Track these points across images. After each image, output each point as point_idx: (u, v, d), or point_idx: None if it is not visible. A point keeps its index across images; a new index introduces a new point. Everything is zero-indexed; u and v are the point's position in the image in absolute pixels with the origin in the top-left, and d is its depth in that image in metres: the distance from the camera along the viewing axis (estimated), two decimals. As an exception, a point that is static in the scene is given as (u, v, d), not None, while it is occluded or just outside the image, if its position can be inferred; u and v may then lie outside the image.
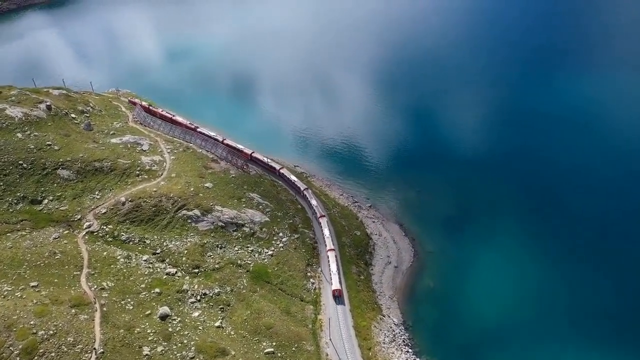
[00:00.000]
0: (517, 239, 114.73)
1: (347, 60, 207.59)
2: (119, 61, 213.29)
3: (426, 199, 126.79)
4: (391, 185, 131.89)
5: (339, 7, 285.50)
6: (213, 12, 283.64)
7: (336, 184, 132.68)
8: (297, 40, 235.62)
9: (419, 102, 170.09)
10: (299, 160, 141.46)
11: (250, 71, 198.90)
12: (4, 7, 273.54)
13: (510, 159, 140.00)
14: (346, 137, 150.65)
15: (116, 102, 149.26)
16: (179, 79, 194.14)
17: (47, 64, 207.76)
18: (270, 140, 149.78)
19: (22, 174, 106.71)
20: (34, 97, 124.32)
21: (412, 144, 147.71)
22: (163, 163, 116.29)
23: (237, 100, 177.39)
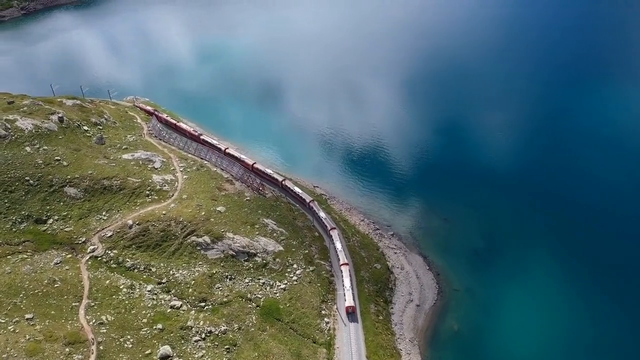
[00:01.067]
0: (551, 277, 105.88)
1: (374, 69, 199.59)
2: (140, 66, 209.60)
3: (453, 227, 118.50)
4: (416, 211, 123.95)
5: (368, 12, 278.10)
6: (239, 16, 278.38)
7: (357, 208, 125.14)
8: (323, 45, 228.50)
9: (449, 118, 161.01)
10: (319, 180, 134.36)
11: (275, 79, 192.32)
12: (30, 7, 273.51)
13: (546, 185, 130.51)
14: (370, 155, 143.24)
15: (133, 112, 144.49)
16: (201, 85, 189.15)
17: (68, 67, 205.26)
18: (291, 157, 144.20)
19: (28, 190, 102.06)
20: (46, 107, 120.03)
21: (439, 165, 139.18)
22: (175, 183, 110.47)
23: (259, 110, 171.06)
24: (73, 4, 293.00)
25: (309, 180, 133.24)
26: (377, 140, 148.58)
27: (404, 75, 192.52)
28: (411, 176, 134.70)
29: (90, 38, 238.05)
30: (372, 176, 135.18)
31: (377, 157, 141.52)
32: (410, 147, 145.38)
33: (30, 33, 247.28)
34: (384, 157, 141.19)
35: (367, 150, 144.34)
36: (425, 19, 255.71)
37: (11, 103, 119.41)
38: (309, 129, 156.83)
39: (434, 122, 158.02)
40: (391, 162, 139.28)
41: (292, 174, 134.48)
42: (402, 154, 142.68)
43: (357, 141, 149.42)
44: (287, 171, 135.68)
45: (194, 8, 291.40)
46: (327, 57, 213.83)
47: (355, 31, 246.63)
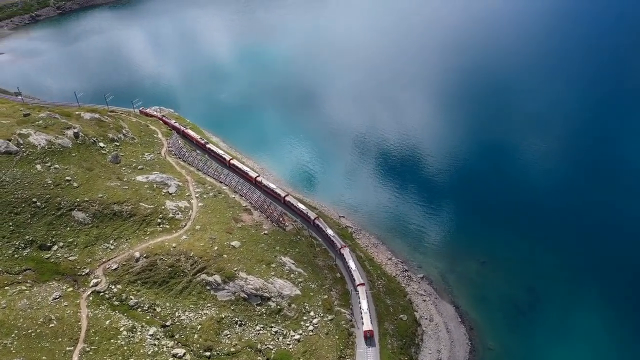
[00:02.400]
0: (603, 342, 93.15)
1: (412, 82, 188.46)
2: (169, 72, 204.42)
3: (491, 273, 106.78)
4: (450, 250, 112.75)
5: (409, 14, 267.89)
6: (277, 21, 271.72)
7: (385, 244, 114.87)
8: (359, 52, 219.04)
9: (492, 144, 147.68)
10: (346, 210, 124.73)
11: (308, 91, 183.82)
12: (66, 7, 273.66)
13: (604, 229, 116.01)
14: (403, 184, 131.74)
15: (154, 125, 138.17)
16: (231, 95, 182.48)
17: (96, 71, 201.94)
18: (318, 182, 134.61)
19: (34, 213, 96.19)
20: (62, 121, 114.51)
21: (479, 198, 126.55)
22: (189, 211, 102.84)
23: (288, 126, 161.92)
24: (108, 4, 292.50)
25: (334, 209, 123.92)
26: (410, 167, 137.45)
27: (443, 91, 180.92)
28: (447, 209, 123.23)
29: (121, 41, 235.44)
30: (403, 207, 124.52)
31: (410, 186, 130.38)
32: (447, 176, 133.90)
33: (63, 34, 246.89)
34: (417, 186, 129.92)
35: (399, 179, 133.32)
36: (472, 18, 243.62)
37: (27, 115, 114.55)
38: (339, 151, 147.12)
39: (475, 148, 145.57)
40: (425, 192, 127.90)
41: (317, 202, 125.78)
42: (438, 183, 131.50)
43: (389, 167, 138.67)
44: (313, 198, 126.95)
45: (231, 13, 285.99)
46: (363, 67, 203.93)
47: (394, 37, 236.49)
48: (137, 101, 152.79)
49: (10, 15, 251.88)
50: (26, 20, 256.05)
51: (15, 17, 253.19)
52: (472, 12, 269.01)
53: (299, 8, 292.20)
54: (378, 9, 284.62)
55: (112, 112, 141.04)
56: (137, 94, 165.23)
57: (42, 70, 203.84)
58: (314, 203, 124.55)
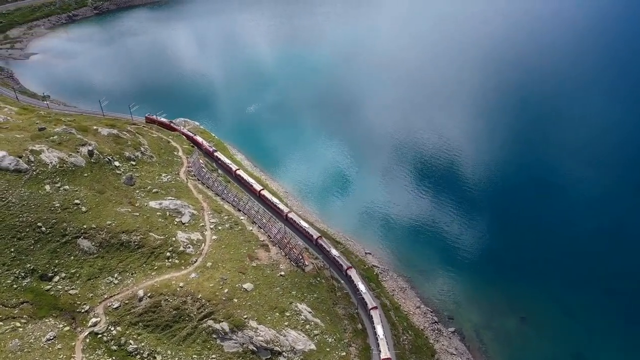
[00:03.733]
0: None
1: (457, 93, 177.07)
2: (199, 81, 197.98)
3: (531, 332, 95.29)
4: (486, 302, 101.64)
5: (455, 18, 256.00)
6: (314, 26, 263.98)
7: (414, 288, 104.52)
8: (402, 62, 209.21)
9: (545, 173, 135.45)
10: (373, 245, 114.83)
11: (346, 103, 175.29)
12: (103, 7, 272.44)
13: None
14: (437, 220, 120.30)
15: (176, 141, 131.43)
16: (263, 107, 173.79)
17: (125, 77, 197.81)
18: (346, 211, 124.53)
19: (38, 239, 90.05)
20: (77, 137, 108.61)
21: (523, 243, 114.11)
22: (201, 244, 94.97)
23: (319, 144, 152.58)
24: (146, 5, 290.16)
25: (361, 244, 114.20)
26: (448, 204, 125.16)
27: (488, 112, 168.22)
28: (485, 253, 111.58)
29: (153, 45, 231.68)
30: (437, 246, 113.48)
31: (445, 224, 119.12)
32: (487, 216, 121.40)
33: (98, 35, 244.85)
34: (453, 225, 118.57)
35: (434, 215, 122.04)
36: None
37: (42, 130, 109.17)
38: (372, 177, 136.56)
39: (522, 181, 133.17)
40: (462, 232, 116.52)
41: (344, 234, 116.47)
42: (477, 223, 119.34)
43: (425, 201, 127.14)
44: (339, 229, 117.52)
45: (269, 18, 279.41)
46: (402, 77, 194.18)
47: (435, 41, 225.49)
48: (160, 113, 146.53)
49: (47, 14, 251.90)
50: (63, 20, 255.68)
51: (53, 16, 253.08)
52: (522, 15, 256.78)
53: (339, 14, 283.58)
54: (419, 15, 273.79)
55: (134, 125, 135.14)
56: (162, 104, 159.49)
57: (72, 73, 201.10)
58: (339, 236, 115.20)
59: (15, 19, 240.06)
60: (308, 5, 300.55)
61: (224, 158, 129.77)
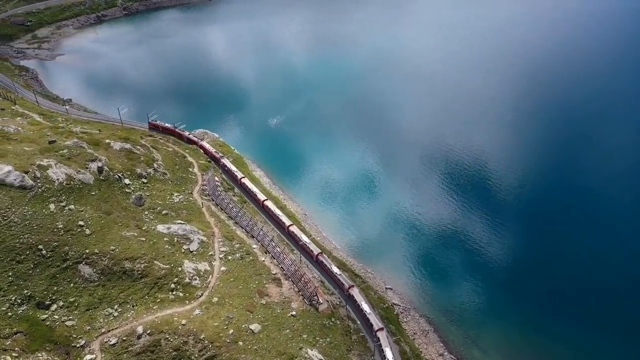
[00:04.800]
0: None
1: (497, 117, 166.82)
2: (222, 88, 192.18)
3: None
4: (518, 351, 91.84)
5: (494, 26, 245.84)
6: (347, 32, 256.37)
7: (437, 331, 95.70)
8: (441, 70, 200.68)
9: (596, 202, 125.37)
10: (395, 280, 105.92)
11: (375, 116, 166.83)
12: (132, 8, 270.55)
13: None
14: (468, 255, 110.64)
15: (193, 156, 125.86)
16: (288, 120, 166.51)
17: (149, 80, 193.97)
18: (365, 239, 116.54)
19: (38, 263, 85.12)
20: (88, 152, 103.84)
21: (564, 283, 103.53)
22: (208, 276, 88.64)
23: (345, 162, 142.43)
24: (175, 7, 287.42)
25: (381, 278, 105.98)
26: (483, 236, 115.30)
27: (532, 132, 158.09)
28: (520, 294, 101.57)
29: (180, 48, 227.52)
30: (466, 285, 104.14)
31: (479, 259, 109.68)
32: (523, 253, 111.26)
33: (126, 37, 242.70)
34: (488, 261, 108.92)
35: (467, 248, 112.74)
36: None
37: (52, 142, 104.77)
38: (397, 203, 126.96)
39: (571, 212, 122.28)
40: (493, 270, 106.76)
41: (364, 265, 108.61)
42: (510, 260, 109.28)
43: (456, 231, 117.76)
44: (359, 260, 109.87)
45: (301, 23, 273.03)
46: (441, 92, 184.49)
47: (476, 56, 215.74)
48: (179, 124, 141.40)
49: (77, 14, 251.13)
50: (92, 20, 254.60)
51: (82, 16, 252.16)
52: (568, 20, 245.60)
53: (372, 20, 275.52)
54: (458, 21, 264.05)
55: (150, 137, 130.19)
56: (183, 114, 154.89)
57: (96, 76, 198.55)
58: (358, 267, 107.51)
59: (44, 18, 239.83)
60: (340, 11, 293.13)
61: (230, 165, 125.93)
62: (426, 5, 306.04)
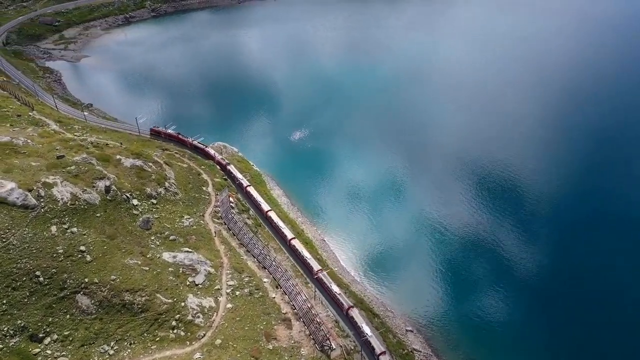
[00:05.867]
0: None
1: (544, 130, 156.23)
2: (249, 96, 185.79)
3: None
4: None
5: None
6: (380, 37, 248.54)
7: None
8: (474, 81, 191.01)
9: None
10: (417, 320, 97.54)
11: (408, 132, 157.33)
12: (161, 10, 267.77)
13: None
14: (504, 299, 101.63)
15: (208, 174, 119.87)
16: (316, 131, 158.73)
17: (172, 85, 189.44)
18: (388, 272, 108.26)
19: (34, 290, 79.98)
20: (97, 169, 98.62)
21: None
22: (213, 314, 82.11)
23: (373, 183, 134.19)
24: (204, 9, 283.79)
25: (402, 317, 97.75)
26: (520, 276, 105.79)
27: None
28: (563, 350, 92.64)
29: (206, 52, 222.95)
30: (497, 332, 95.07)
31: (512, 303, 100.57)
32: (567, 297, 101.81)
33: (153, 39, 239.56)
34: (523, 305, 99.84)
35: (502, 283, 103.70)
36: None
37: (60, 158, 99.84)
38: (428, 233, 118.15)
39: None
40: (533, 318, 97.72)
41: (384, 300, 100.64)
42: (555, 309, 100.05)
43: (490, 265, 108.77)
44: (377, 296, 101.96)
45: (332, 29, 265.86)
46: (481, 106, 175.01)
47: (518, 67, 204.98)
48: (197, 136, 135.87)
49: (105, 15, 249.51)
50: (119, 21, 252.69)
51: (110, 16, 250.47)
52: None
53: (407, 26, 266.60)
54: (500, 30, 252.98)
55: (166, 151, 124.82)
56: (202, 124, 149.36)
57: (119, 80, 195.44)
58: (377, 303, 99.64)
59: (73, 18, 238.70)
60: (372, 16, 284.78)
61: (235, 172, 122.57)
62: (465, 11, 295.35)
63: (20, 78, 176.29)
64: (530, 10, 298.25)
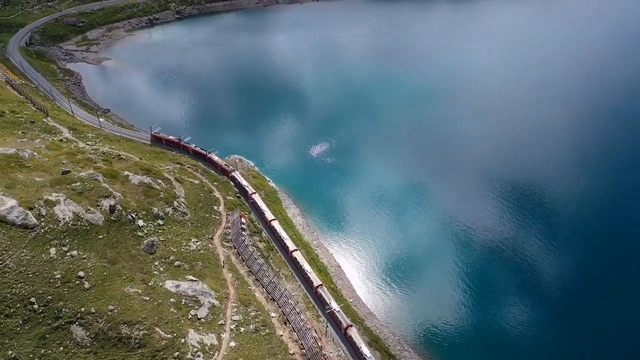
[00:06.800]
0: None
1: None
2: (270, 105, 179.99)
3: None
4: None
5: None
6: (414, 45, 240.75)
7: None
8: (512, 97, 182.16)
9: None
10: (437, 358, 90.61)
11: (440, 151, 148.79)
12: (185, 12, 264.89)
13: None
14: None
15: (220, 191, 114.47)
16: (341, 146, 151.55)
17: (190, 94, 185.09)
18: (412, 308, 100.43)
19: (28, 319, 75.35)
20: (103, 186, 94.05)
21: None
22: (214, 353, 76.25)
23: (401, 206, 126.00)
24: (229, 12, 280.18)
25: (420, 357, 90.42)
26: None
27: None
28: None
29: (228, 58, 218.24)
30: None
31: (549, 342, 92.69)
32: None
33: (175, 42, 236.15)
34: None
35: (536, 323, 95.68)
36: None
37: (66, 173, 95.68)
38: (453, 261, 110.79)
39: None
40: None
41: (399, 338, 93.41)
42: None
43: (522, 303, 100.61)
44: (395, 333, 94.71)
45: (362, 36, 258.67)
46: (513, 126, 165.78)
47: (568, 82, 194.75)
48: (212, 149, 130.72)
49: (129, 16, 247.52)
50: (143, 23, 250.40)
51: (134, 18, 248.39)
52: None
53: (443, 36, 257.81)
54: (544, 41, 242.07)
55: (178, 165, 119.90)
56: (219, 135, 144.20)
57: (139, 85, 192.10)
58: (394, 340, 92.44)
59: (97, 19, 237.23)
60: (402, 22, 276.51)
61: (240, 179, 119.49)
62: (502, 17, 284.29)
63: (40, 80, 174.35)
64: (572, 17, 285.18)
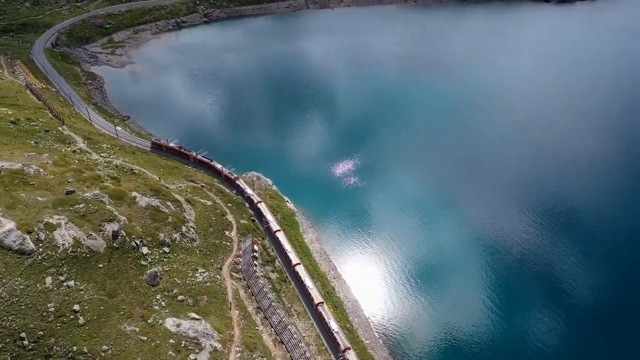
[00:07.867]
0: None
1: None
2: (293, 119, 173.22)
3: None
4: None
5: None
6: (448, 53, 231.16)
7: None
8: (547, 109, 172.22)
9: None
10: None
11: (474, 169, 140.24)
12: (213, 15, 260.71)
13: None
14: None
15: (234, 214, 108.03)
16: (365, 164, 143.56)
17: (212, 104, 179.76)
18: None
19: (16, 356, 69.95)
20: (108, 209, 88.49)
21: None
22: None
23: (427, 233, 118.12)
24: (257, 16, 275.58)
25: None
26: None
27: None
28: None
29: (254, 66, 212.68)
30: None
31: None
32: None
33: (202, 47, 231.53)
34: None
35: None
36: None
37: (70, 193, 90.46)
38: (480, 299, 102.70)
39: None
40: None
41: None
42: None
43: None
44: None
45: (394, 44, 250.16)
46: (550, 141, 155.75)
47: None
48: (229, 166, 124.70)
49: (156, 18, 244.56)
50: (170, 26, 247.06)
51: (161, 20, 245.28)
52: None
53: (476, 41, 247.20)
54: (585, 55, 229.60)
55: (191, 183, 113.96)
56: (238, 150, 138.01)
57: (162, 91, 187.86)
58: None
59: (123, 21, 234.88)
60: (436, 30, 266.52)
61: (243, 185, 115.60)
62: (542, 26, 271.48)
63: (61, 84, 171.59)
64: (617, 27, 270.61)
